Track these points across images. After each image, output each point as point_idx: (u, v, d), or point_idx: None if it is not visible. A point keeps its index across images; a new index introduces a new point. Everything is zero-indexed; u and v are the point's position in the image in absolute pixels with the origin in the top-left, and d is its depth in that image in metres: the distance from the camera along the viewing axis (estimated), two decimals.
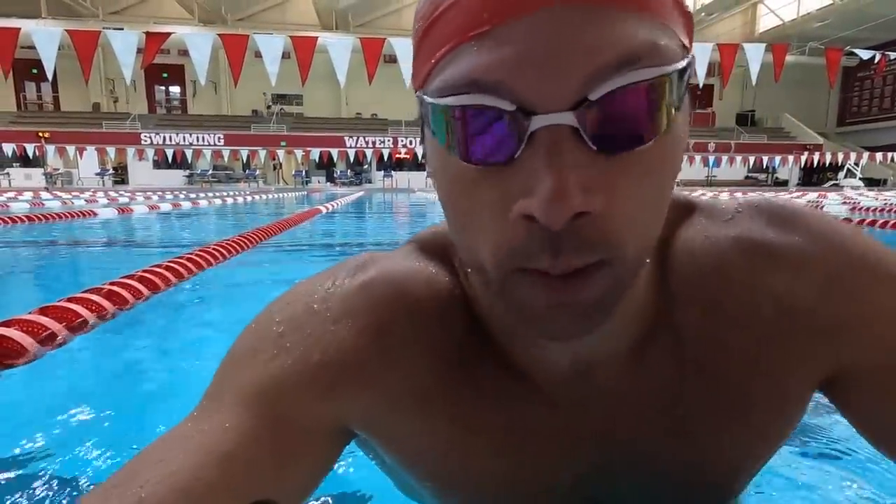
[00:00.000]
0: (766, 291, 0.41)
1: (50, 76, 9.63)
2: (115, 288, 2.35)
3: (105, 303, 2.21)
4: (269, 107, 28.25)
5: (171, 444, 0.37)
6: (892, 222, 6.24)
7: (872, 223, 6.40)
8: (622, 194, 0.29)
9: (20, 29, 9.11)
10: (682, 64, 0.29)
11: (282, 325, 0.42)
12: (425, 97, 0.32)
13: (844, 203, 11.03)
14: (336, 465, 0.46)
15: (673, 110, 0.30)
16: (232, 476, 0.35)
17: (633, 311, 0.41)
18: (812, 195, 13.53)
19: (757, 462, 0.48)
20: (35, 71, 21.90)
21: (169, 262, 2.99)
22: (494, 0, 0.28)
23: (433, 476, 0.47)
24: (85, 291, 2.24)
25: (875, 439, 0.45)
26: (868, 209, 9.09)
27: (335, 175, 26.50)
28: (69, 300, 2.11)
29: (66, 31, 9.45)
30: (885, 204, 10.05)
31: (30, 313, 1.92)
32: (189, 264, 3.06)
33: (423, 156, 0.39)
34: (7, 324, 1.79)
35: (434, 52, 0.31)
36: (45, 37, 9.16)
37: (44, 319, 1.89)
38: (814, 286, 0.40)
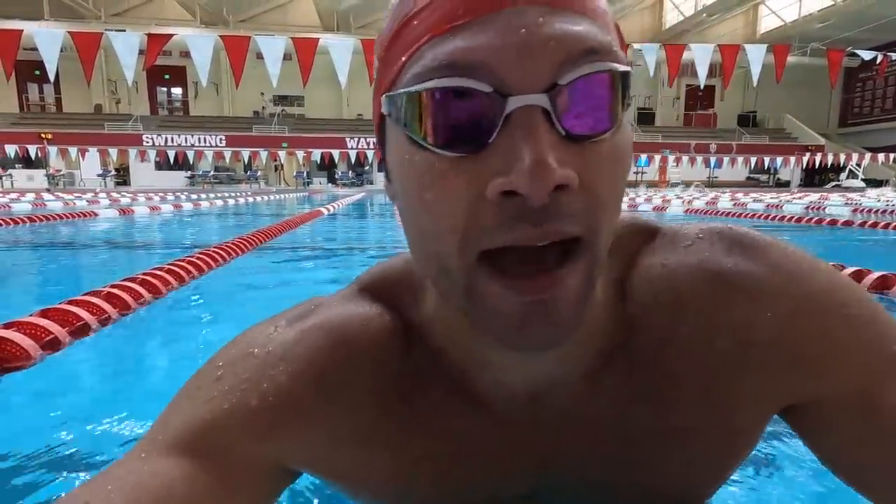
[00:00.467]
0: (722, 323, 0.40)
1: (52, 77, 9.66)
2: (115, 291, 2.35)
3: (106, 306, 2.21)
4: (263, 108, 28.16)
5: (109, 483, 0.36)
6: (893, 224, 6.22)
7: (874, 225, 6.38)
8: (591, 177, 0.31)
9: (22, 30, 9.14)
10: (628, 68, 0.32)
11: (221, 369, 0.43)
12: (397, 92, 0.33)
13: (846, 204, 11.00)
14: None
15: (623, 106, 0.32)
16: None
17: (590, 334, 0.41)
18: (814, 196, 13.50)
19: (708, 485, 0.48)
20: (37, 72, 21.96)
21: (170, 264, 2.99)
22: (451, 8, 0.31)
23: (380, 502, 0.48)
24: (86, 294, 2.25)
25: (835, 468, 0.43)
26: (870, 210, 9.07)
27: (336, 176, 26.52)
28: (70, 303, 2.11)
29: (69, 32, 9.47)
30: (888, 205, 10.02)
31: (31, 316, 1.92)
32: (190, 267, 3.06)
33: (383, 169, 0.39)
34: (8, 326, 1.79)
35: (407, 49, 0.32)
36: (47, 38, 9.19)
37: (45, 322, 1.89)
38: (774, 320, 0.39)
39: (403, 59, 0.33)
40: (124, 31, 10.80)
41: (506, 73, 0.29)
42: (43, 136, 21.89)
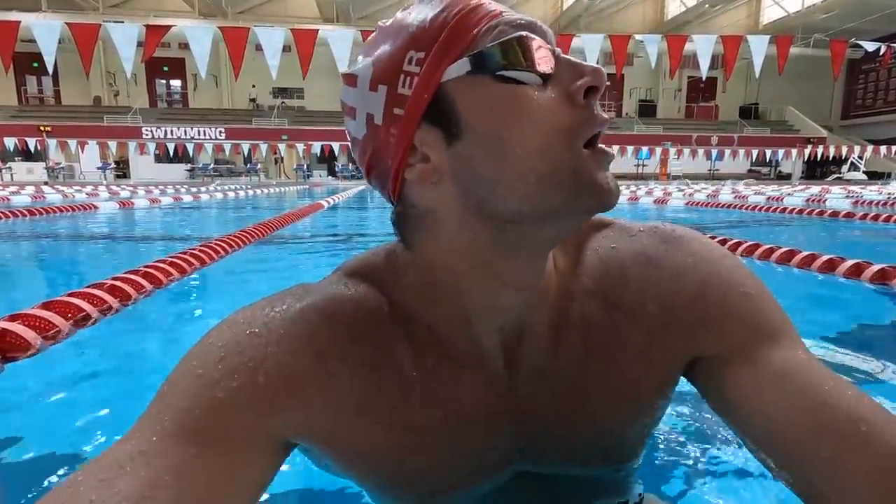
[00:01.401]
0: (654, 293, 0.53)
1: (50, 70, 9.62)
2: (118, 283, 2.36)
3: (108, 297, 2.22)
4: (252, 99, 27.85)
5: (114, 464, 0.38)
6: (895, 216, 6.21)
7: (875, 217, 6.37)
8: None
9: (20, 22, 9.08)
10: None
11: (223, 350, 0.46)
12: (488, 47, 0.43)
13: (848, 197, 10.97)
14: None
15: None
16: (179, 496, 0.37)
17: (550, 290, 0.53)
18: (815, 189, 13.47)
19: (645, 433, 0.60)
20: (36, 65, 21.86)
21: (172, 257, 3.00)
22: (493, 4, 0.46)
23: (374, 474, 0.54)
24: (89, 286, 2.25)
25: (729, 420, 0.52)
26: (871, 203, 9.05)
27: (337, 169, 26.45)
28: (71, 294, 2.12)
29: (67, 24, 9.42)
30: (889, 197, 10.00)
31: (33, 308, 1.93)
32: (192, 259, 3.07)
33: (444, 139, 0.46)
34: (11, 318, 1.80)
35: (477, 25, 0.44)
36: (45, 30, 9.13)
37: (47, 314, 1.90)
38: (689, 291, 0.52)
39: (475, 31, 0.44)
40: (122, 22, 10.72)
41: (544, 34, 0.46)
42: (42, 128, 21.81)
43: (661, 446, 1.13)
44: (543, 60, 0.44)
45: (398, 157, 0.47)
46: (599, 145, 0.45)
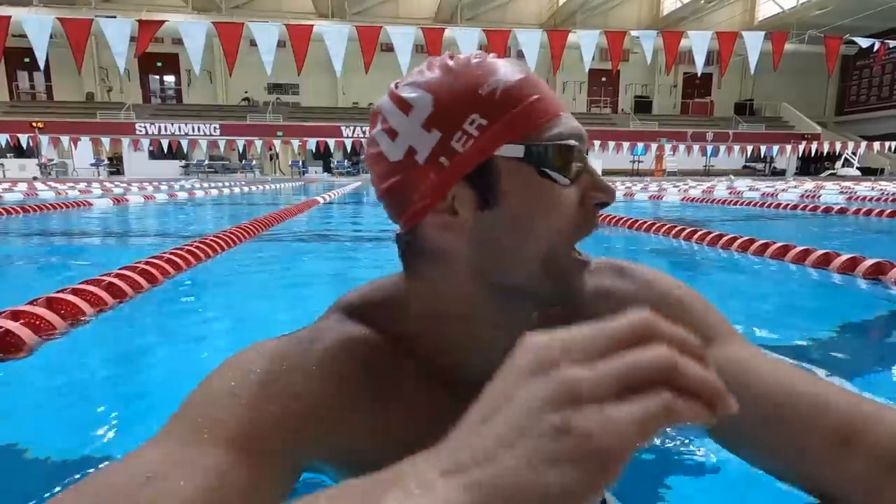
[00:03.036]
0: (608, 316, 0.58)
1: (42, 65, 9.52)
2: (114, 280, 2.34)
3: (104, 294, 2.20)
4: (245, 98, 27.79)
5: (155, 462, 0.40)
6: (887, 211, 6.25)
7: (868, 212, 6.41)
8: None
9: (10, 17, 8.98)
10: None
11: (260, 376, 0.50)
12: (544, 143, 0.50)
13: (841, 193, 11.04)
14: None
15: None
16: (224, 497, 0.40)
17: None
18: (809, 185, 13.53)
19: None
20: (27, 60, 21.61)
21: (169, 252, 2.98)
22: (556, 101, 0.54)
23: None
24: (83, 283, 2.24)
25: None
26: (864, 198, 9.11)
27: (332, 165, 26.35)
28: (64, 291, 2.11)
29: (58, 19, 9.32)
30: (882, 193, 10.07)
31: (27, 304, 1.92)
32: (188, 256, 3.05)
33: (484, 205, 0.52)
34: (4, 315, 1.79)
35: (542, 117, 0.51)
36: (36, 25, 9.04)
37: (41, 311, 1.89)
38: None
39: (539, 121, 0.50)
40: (115, 17, 10.63)
41: (583, 142, 0.54)
42: (34, 124, 21.61)
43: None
44: (576, 169, 0.52)
45: (429, 201, 0.51)
46: (584, 255, 0.54)
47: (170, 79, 28.95)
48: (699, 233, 4.20)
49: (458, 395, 0.57)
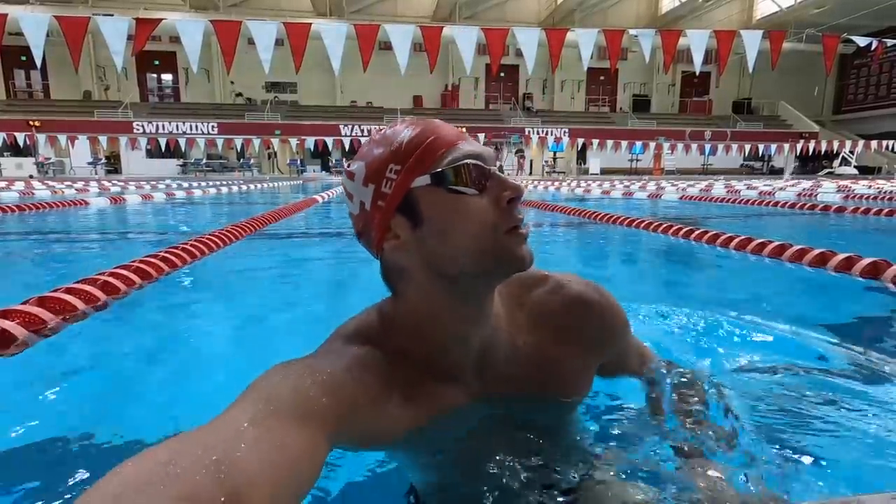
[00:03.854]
0: (568, 320, 0.85)
1: (39, 63, 9.47)
2: (109, 279, 2.34)
3: (98, 293, 2.20)
4: (239, 94, 27.62)
5: (233, 428, 0.50)
6: (885, 210, 6.27)
7: (866, 211, 6.42)
8: None
9: (7, 14, 8.94)
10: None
11: (307, 377, 0.63)
12: (444, 168, 0.66)
13: (839, 192, 11.06)
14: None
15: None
16: (294, 458, 0.52)
17: (506, 321, 0.81)
18: (806, 184, 13.55)
19: (580, 401, 0.93)
20: (24, 58, 21.54)
21: (165, 251, 2.98)
22: (456, 132, 0.71)
23: (399, 449, 0.82)
24: (79, 282, 2.23)
25: (603, 376, 0.99)
26: (861, 197, 9.12)
27: (331, 164, 26.32)
28: (59, 290, 2.10)
29: (55, 17, 9.29)
30: (879, 192, 10.09)
31: (23, 303, 1.91)
32: (184, 254, 3.04)
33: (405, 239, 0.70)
34: (1, 315, 1.78)
35: (439, 150, 0.67)
36: (32, 23, 9.00)
37: (36, 310, 1.88)
38: (592, 320, 0.87)
39: (437, 154, 0.67)
40: (112, 15, 10.58)
41: (485, 159, 0.69)
42: (31, 123, 21.53)
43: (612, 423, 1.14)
44: (479, 180, 0.67)
45: (379, 234, 0.70)
46: (521, 230, 0.69)
47: (167, 77, 28.86)
48: (697, 231, 4.21)
49: (445, 385, 0.78)
